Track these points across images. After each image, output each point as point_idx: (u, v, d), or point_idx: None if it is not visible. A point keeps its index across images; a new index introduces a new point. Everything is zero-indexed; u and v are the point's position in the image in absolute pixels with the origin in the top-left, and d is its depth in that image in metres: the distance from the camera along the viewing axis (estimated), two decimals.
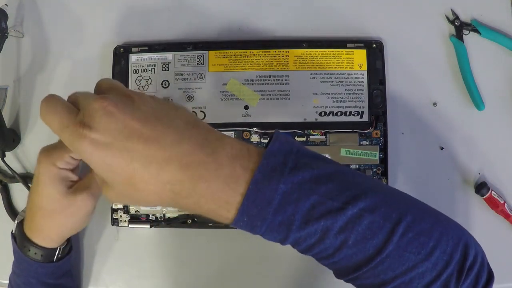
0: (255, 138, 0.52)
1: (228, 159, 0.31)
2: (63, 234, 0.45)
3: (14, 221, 0.53)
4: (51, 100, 0.32)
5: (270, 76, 0.53)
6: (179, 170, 0.30)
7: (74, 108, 0.32)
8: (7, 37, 0.54)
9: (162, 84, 0.53)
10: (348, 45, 0.53)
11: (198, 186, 0.30)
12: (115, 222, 0.52)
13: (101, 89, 0.34)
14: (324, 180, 0.31)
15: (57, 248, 0.46)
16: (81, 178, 0.44)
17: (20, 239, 0.45)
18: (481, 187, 0.52)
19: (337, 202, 0.31)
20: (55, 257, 0.46)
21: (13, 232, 0.46)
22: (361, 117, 0.52)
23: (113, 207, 0.52)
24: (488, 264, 0.35)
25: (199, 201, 0.31)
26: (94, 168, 0.30)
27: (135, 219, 0.52)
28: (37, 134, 0.55)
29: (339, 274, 0.35)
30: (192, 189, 0.30)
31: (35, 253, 0.44)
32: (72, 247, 0.49)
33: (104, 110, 0.29)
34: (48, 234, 0.44)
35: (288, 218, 0.30)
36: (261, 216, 0.30)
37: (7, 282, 0.48)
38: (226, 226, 0.37)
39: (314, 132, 0.52)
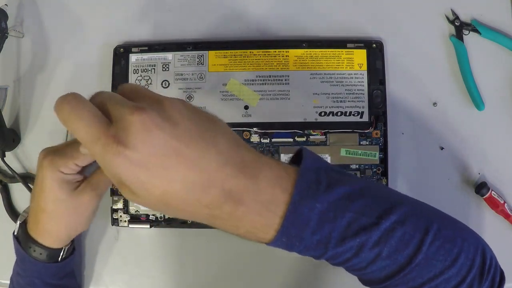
0: (255, 138, 0.52)
1: (268, 183, 0.30)
2: (70, 234, 0.45)
3: (14, 221, 0.53)
4: (77, 103, 0.28)
5: (270, 76, 0.53)
6: (221, 195, 0.28)
7: (104, 116, 0.28)
8: (7, 37, 0.54)
9: (162, 84, 0.53)
10: (348, 45, 0.53)
11: (237, 211, 0.29)
12: (115, 222, 0.52)
13: (124, 94, 0.30)
14: (356, 196, 0.32)
15: (62, 248, 0.46)
16: (86, 176, 0.44)
17: (24, 240, 0.44)
18: (481, 187, 0.52)
19: (370, 218, 0.31)
20: (60, 257, 0.46)
21: (15, 233, 0.46)
22: (361, 117, 0.52)
23: (113, 207, 0.52)
24: (499, 265, 0.36)
25: (237, 224, 0.30)
26: (125, 182, 0.27)
27: (135, 219, 0.52)
28: (37, 134, 0.55)
29: (368, 283, 0.35)
30: (231, 213, 0.29)
31: (40, 254, 0.44)
32: (75, 248, 0.49)
33: (141, 125, 0.26)
34: (56, 235, 0.44)
35: (325, 237, 0.31)
36: (299, 236, 0.31)
37: (7, 282, 0.48)
38: None
39: (314, 132, 0.52)
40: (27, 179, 0.54)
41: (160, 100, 0.29)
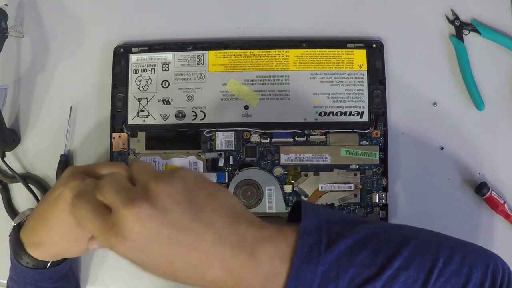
0: (255, 138, 0.52)
1: (268, 257, 0.31)
2: (58, 254, 0.44)
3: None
4: (81, 205, 0.31)
5: (270, 76, 0.53)
6: (221, 273, 0.30)
7: (104, 209, 0.31)
8: (7, 37, 0.54)
9: (162, 84, 0.53)
10: (348, 45, 0.53)
11: (240, 285, 0.30)
12: None
13: (132, 173, 0.33)
14: (358, 248, 0.32)
15: (48, 261, 0.44)
16: None
17: (14, 245, 0.43)
18: (481, 187, 0.52)
19: (373, 269, 0.32)
20: (47, 265, 0.44)
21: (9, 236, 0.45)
22: (361, 117, 0.52)
23: None
24: None
25: None
26: (134, 263, 0.31)
27: None
28: (37, 134, 0.55)
29: None
30: (235, 287, 0.31)
31: (27, 262, 0.43)
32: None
33: (134, 218, 0.29)
34: (46, 250, 0.42)
35: None
36: None
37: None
38: None
39: (314, 132, 0.52)
40: (27, 179, 0.54)
41: (151, 188, 0.30)
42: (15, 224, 0.45)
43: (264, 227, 0.32)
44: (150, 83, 0.53)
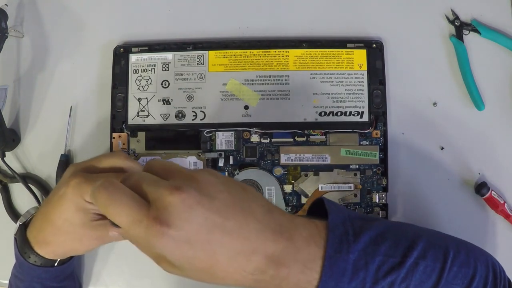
0: (255, 138, 0.52)
1: (304, 241, 0.32)
2: (66, 253, 0.44)
3: (14, 221, 0.53)
4: (115, 189, 0.29)
5: (270, 76, 0.53)
6: (265, 260, 0.30)
7: (142, 199, 0.29)
8: (7, 37, 0.54)
9: (162, 84, 0.53)
10: (348, 45, 0.53)
11: (280, 272, 0.31)
12: None
13: (154, 172, 0.32)
14: (380, 239, 0.34)
15: (56, 260, 0.45)
16: None
17: (22, 244, 0.44)
18: (481, 187, 0.52)
19: (396, 258, 0.34)
20: (55, 264, 0.45)
21: (15, 235, 0.45)
22: (361, 117, 0.52)
23: None
24: (507, 275, 0.38)
25: (281, 284, 0.31)
26: (171, 260, 0.29)
27: None
28: (37, 134, 0.55)
29: None
30: (275, 275, 0.31)
31: (35, 261, 0.43)
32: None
33: (182, 204, 0.28)
34: (53, 249, 0.43)
35: (360, 282, 0.33)
36: (338, 287, 0.32)
37: (7, 282, 0.48)
38: None
39: (314, 132, 0.52)
40: (27, 179, 0.54)
41: (193, 176, 0.30)
42: (20, 223, 0.45)
43: (295, 217, 0.33)
44: (150, 83, 0.53)
